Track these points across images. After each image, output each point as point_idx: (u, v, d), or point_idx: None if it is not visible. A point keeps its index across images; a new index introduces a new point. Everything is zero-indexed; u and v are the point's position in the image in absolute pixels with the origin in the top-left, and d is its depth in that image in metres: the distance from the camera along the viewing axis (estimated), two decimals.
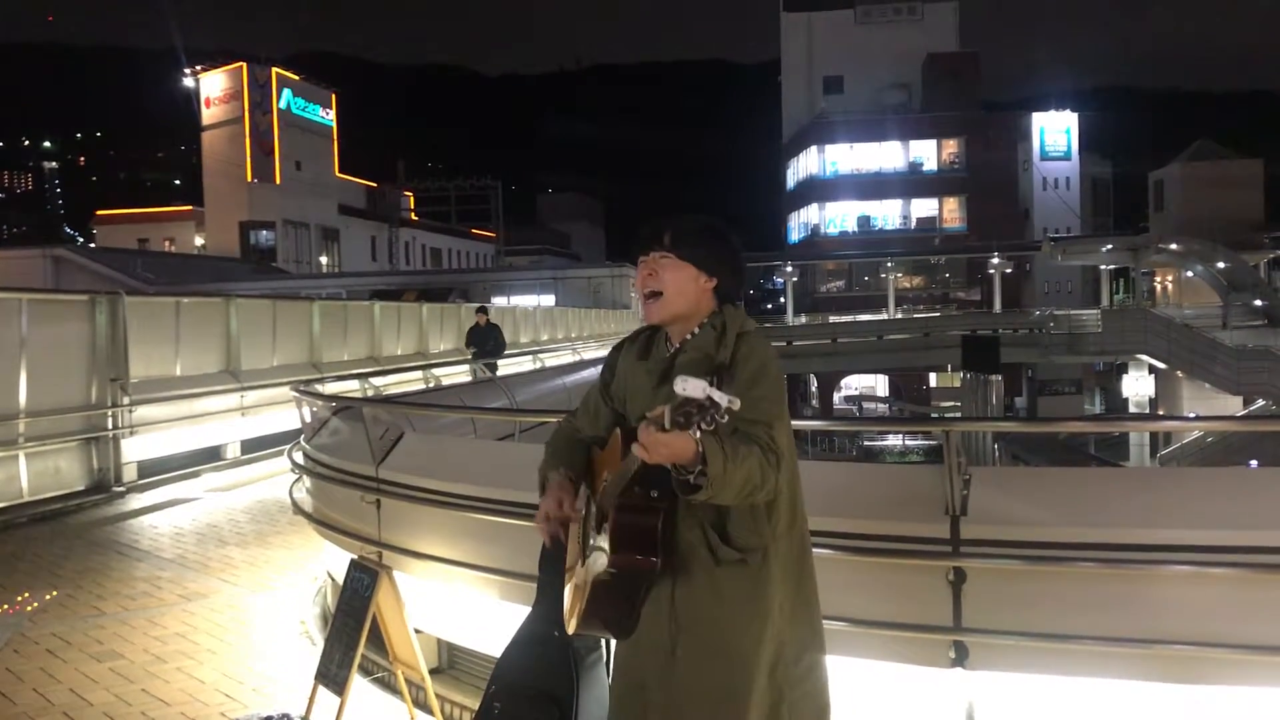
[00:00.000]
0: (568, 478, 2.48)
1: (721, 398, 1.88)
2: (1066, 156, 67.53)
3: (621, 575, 2.26)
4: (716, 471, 2.07)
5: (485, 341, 16.18)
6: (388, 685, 4.74)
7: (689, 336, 2.43)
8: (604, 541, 2.30)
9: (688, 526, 2.30)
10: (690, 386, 1.89)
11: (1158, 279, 58.66)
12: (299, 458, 6.29)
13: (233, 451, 12.53)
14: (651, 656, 2.35)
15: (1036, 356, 44.34)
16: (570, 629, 2.49)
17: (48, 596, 6.50)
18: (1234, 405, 36.77)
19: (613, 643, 2.89)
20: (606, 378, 2.61)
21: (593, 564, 2.35)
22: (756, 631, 2.31)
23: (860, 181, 64.21)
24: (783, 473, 2.26)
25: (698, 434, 1.95)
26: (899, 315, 51.35)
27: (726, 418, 1.92)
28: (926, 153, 64.46)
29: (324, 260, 62.24)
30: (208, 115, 59.92)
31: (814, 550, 2.54)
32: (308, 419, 6.66)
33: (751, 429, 2.21)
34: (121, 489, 10.36)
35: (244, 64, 59.87)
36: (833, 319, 51.76)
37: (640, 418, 2.38)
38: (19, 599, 6.44)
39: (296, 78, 62.51)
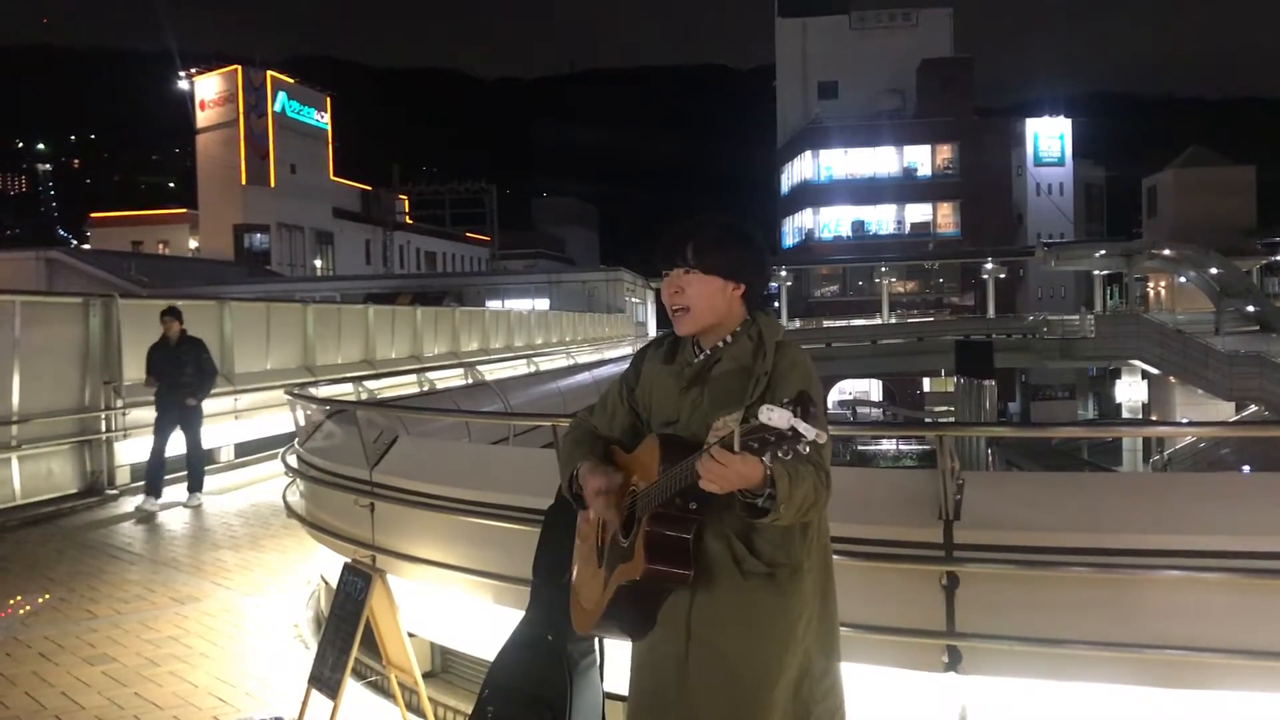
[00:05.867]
0: (598, 463, 2.44)
1: (808, 430, 1.81)
2: (1060, 162, 67.71)
3: (650, 583, 2.24)
4: (784, 494, 2.04)
5: (179, 367, 9.58)
6: (381, 689, 4.73)
7: (721, 344, 2.40)
8: (631, 546, 2.27)
9: (713, 537, 2.26)
10: (776, 416, 1.81)
11: (1151, 284, 58.86)
12: (293, 461, 6.29)
13: (226, 455, 12.51)
14: (666, 664, 2.33)
15: (1030, 361, 44.48)
16: (582, 629, 2.48)
17: (40, 600, 6.48)
18: (1226, 410, 36.90)
19: (608, 647, 2.90)
20: (631, 382, 2.57)
21: (615, 568, 2.33)
22: (780, 647, 2.28)
23: (854, 186, 64.35)
24: (831, 490, 2.24)
25: (768, 459, 1.90)
26: (893, 320, 51.46)
27: (808, 450, 1.86)
28: (920, 158, 64.65)
29: (318, 263, 62.15)
30: (202, 118, 59.81)
31: None
32: (301, 422, 6.66)
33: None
34: (115, 492, 10.33)
35: (239, 67, 59.76)
36: (827, 323, 51.80)
37: (666, 424, 2.37)
38: (11, 602, 6.43)
39: (291, 81, 62.42)
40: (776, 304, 50.16)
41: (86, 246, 63.60)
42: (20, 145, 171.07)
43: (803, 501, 2.11)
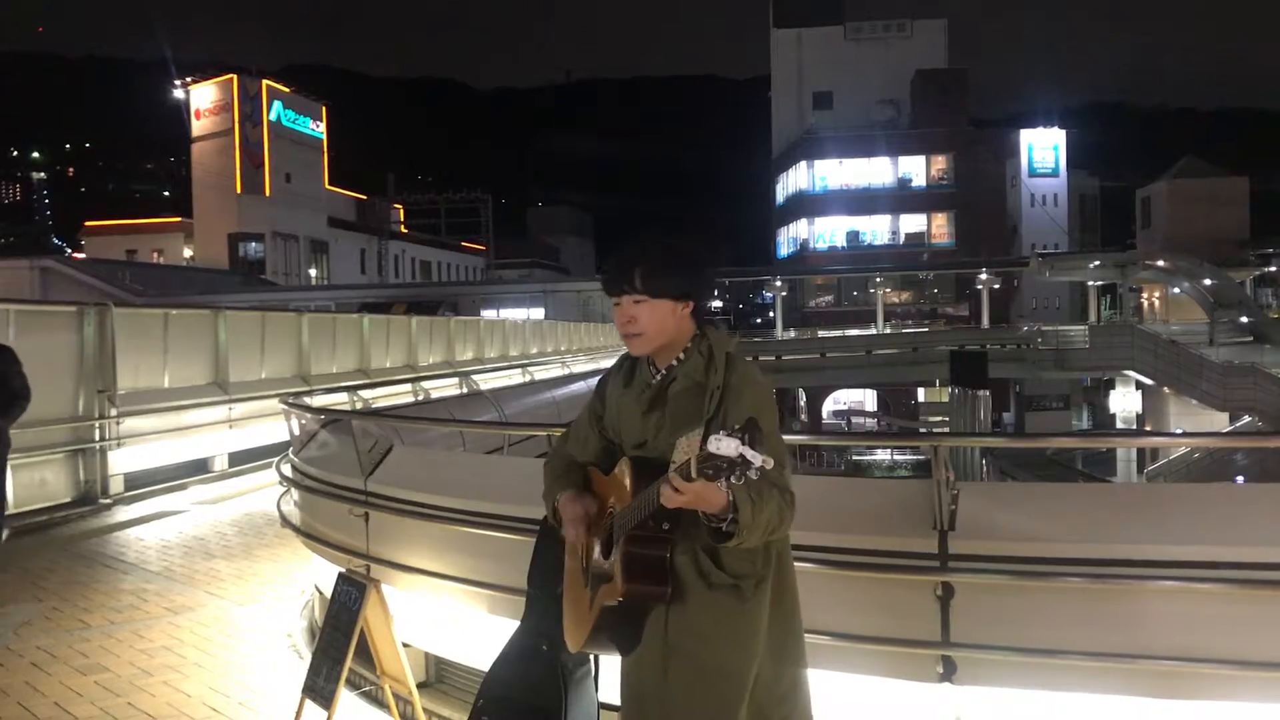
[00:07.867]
0: (577, 494, 2.57)
1: (755, 457, 1.90)
2: (1054, 173, 67.95)
3: (631, 601, 2.34)
4: (746, 519, 2.13)
5: None
6: (375, 699, 4.72)
7: (675, 362, 2.48)
8: (611, 567, 2.37)
9: (680, 551, 2.34)
10: (724, 445, 1.90)
11: (1145, 295, 59.00)
12: (287, 470, 6.28)
13: (220, 464, 12.47)
14: (648, 674, 2.41)
15: (1024, 372, 44.51)
16: (574, 647, 2.56)
17: (33, 609, 6.46)
18: (1220, 421, 36.93)
19: (603, 657, 2.91)
20: (598, 409, 2.65)
21: (598, 588, 2.42)
22: (747, 654, 2.36)
23: (849, 197, 64.53)
24: (795, 510, 2.31)
25: (724, 486, 1.99)
26: (887, 330, 51.53)
27: (758, 475, 1.94)
28: (915, 168, 64.84)
29: (313, 272, 62.14)
30: (198, 127, 59.85)
31: (803, 565, 2.58)
32: (296, 431, 6.65)
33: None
34: (108, 501, 10.30)
35: (234, 76, 59.85)
36: (822, 333, 51.91)
37: (636, 446, 2.46)
38: (3, 611, 6.40)
39: (287, 90, 62.51)
40: (772, 314, 50.19)
41: (81, 255, 63.52)
42: (15, 153, 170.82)
43: (768, 524, 2.20)
